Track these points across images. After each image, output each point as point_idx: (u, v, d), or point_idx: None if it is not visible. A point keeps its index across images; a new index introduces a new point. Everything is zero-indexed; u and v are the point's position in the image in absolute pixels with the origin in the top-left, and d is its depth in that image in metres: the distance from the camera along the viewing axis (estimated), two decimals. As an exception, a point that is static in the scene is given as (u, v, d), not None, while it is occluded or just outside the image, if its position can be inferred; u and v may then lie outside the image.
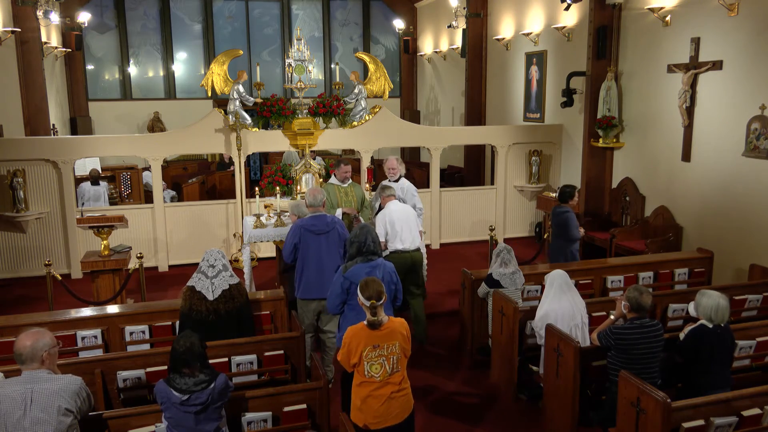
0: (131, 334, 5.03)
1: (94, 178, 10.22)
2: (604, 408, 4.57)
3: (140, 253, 7.18)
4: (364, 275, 4.28)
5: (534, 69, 11.18)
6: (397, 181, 7.34)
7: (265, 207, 7.60)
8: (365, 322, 3.73)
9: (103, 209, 8.90)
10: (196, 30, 15.98)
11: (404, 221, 6.25)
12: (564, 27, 10.03)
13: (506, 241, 10.12)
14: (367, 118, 9.60)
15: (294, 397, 4.03)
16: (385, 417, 3.72)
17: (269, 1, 16.39)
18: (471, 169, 13.30)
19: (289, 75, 7.90)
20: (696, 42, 7.51)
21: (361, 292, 3.71)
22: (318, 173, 7.88)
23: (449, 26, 13.61)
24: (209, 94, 9.25)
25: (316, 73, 16.21)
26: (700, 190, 7.68)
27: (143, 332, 5.05)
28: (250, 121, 9.03)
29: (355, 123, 9.51)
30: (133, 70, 15.65)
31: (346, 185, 6.94)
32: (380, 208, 7.22)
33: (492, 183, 11.21)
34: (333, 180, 7.03)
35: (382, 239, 6.05)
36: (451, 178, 13.74)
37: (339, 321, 4.65)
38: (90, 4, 14.79)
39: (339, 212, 6.65)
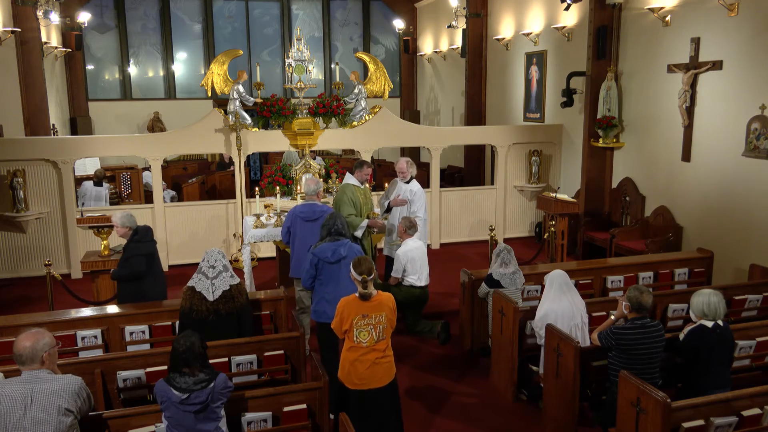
0: (131, 334, 5.03)
1: (99, 179, 10.08)
2: (604, 408, 4.57)
3: (140, 253, 7.17)
4: (329, 251, 5.00)
5: (534, 69, 11.18)
6: (408, 182, 7.33)
7: (265, 207, 7.61)
8: (357, 294, 4.19)
9: (103, 209, 8.89)
10: (196, 30, 15.98)
11: (422, 259, 6.64)
12: (564, 27, 10.03)
13: (506, 241, 10.12)
14: (367, 118, 9.60)
15: (294, 397, 4.04)
16: (370, 379, 4.19)
17: (269, 1, 16.39)
18: (471, 169, 13.30)
19: (289, 75, 7.90)
20: (696, 42, 7.51)
21: (354, 269, 4.18)
22: (318, 173, 7.88)
23: (449, 26, 13.60)
24: (209, 94, 9.24)
25: (316, 73, 16.21)
26: (700, 190, 7.67)
27: (143, 332, 5.06)
28: (250, 121, 9.02)
29: (355, 123, 9.51)
30: (133, 70, 15.65)
31: (363, 186, 6.93)
32: (389, 208, 7.27)
33: (492, 183, 11.21)
34: (352, 180, 6.88)
35: (398, 275, 6.59)
36: (451, 178, 13.74)
37: (311, 295, 5.23)
38: (90, 4, 14.79)
39: (365, 224, 6.65)
